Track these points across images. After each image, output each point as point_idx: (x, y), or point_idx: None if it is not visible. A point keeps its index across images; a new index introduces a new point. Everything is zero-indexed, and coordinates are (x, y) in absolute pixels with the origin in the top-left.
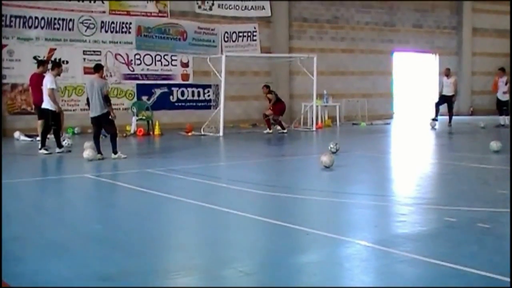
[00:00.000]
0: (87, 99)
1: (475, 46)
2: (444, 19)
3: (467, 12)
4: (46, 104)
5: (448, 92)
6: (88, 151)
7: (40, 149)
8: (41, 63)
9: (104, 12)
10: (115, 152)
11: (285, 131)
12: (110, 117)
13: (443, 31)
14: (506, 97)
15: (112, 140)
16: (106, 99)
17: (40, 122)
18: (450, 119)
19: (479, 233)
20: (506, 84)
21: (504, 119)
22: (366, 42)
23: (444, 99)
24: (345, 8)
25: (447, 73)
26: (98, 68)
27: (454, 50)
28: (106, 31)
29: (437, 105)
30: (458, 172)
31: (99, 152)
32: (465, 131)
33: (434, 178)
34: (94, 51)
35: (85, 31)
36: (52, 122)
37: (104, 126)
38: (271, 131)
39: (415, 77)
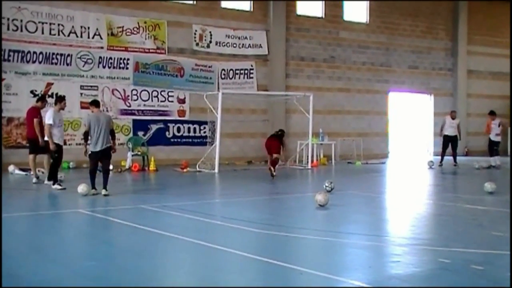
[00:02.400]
0: (85, 134)
1: (470, 88)
2: (440, 60)
3: (462, 54)
4: (56, 138)
5: (451, 132)
6: (82, 186)
7: (53, 184)
8: (41, 98)
9: (102, 47)
10: (106, 188)
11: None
12: (111, 151)
13: (439, 73)
14: (499, 139)
15: (105, 176)
16: (112, 134)
17: (31, 156)
18: (455, 158)
19: (473, 275)
20: (499, 126)
21: (495, 160)
22: (363, 82)
23: (448, 140)
24: (342, 48)
25: (453, 115)
26: (98, 104)
27: (449, 91)
28: (104, 67)
29: (444, 149)
30: (452, 213)
31: (93, 187)
32: (460, 171)
33: (428, 219)
34: (91, 86)
35: (83, 66)
36: (56, 154)
37: (103, 161)
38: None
39: (410, 117)
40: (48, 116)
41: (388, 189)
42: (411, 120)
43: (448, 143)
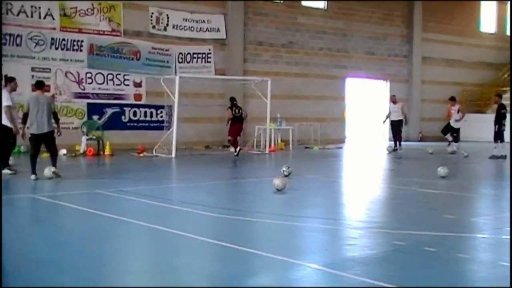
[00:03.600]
0: (24, 115)
1: (424, 74)
2: (396, 47)
3: (417, 41)
4: (5, 121)
5: (395, 117)
6: (47, 169)
7: (3, 169)
8: (9, 80)
9: (54, 28)
10: (55, 166)
11: (235, 154)
12: (55, 135)
13: (395, 59)
14: (457, 125)
15: (54, 158)
16: (55, 116)
17: None
18: (400, 142)
19: (425, 256)
20: (458, 112)
21: (453, 146)
22: (320, 67)
23: (393, 124)
24: (300, 34)
25: (393, 99)
26: (41, 85)
27: (404, 78)
28: (57, 48)
29: (393, 134)
30: (406, 196)
31: (33, 172)
32: (414, 156)
33: (383, 203)
34: (43, 68)
35: (34, 47)
36: (11, 140)
37: (48, 147)
38: (236, 153)
39: (367, 103)
40: (6, 98)
41: (345, 174)
42: (367, 106)
43: (394, 128)
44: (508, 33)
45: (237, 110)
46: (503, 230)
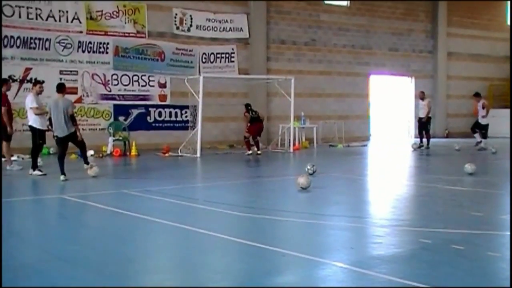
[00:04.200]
0: (49, 119)
1: (449, 70)
2: (420, 43)
3: (442, 36)
4: (33, 122)
5: (421, 114)
6: (95, 168)
7: (34, 170)
8: (3, 81)
9: (81, 32)
10: (87, 163)
11: (259, 152)
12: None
13: (419, 55)
14: (485, 121)
15: (83, 152)
16: (72, 119)
17: (5, 144)
18: (428, 140)
19: (453, 254)
20: (483, 108)
21: (482, 143)
22: (343, 64)
23: (419, 121)
24: (323, 31)
25: (421, 96)
26: (61, 88)
27: (429, 74)
28: (83, 51)
29: (419, 131)
30: (433, 194)
31: (62, 173)
32: (440, 153)
33: (409, 200)
34: (70, 71)
35: (62, 50)
36: (40, 141)
37: (74, 143)
38: (250, 152)
39: (392, 100)
40: (31, 100)
41: (370, 171)
42: (392, 103)
43: (420, 125)
44: None
45: (253, 112)
46: None
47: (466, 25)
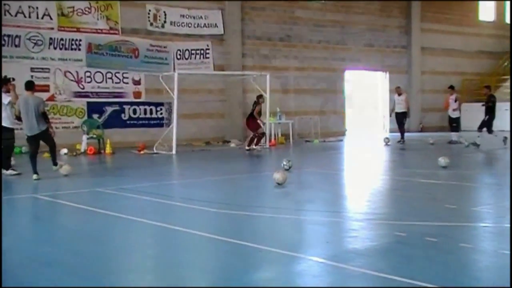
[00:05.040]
0: (18, 117)
1: (424, 65)
2: (394, 38)
3: (416, 32)
4: (5, 121)
5: (398, 109)
6: (66, 166)
7: (7, 170)
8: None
9: (52, 28)
10: (55, 164)
11: (250, 148)
12: (48, 133)
13: (394, 50)
14: (455, 114)
15: (52, 152)
16: (44, 117)
17: None
18: (402, 135)
19: (428, 247)
20: (455, 101)
21: (455, 135)
22: (319, 60)
23: (397, 116)
24: (298, 27)
25: (398, 91)
26: (31, 85)
27: (404, 69)
28: (55, 48)
29: (399, 125)
30: (408, 187)
31: (34, 172)
32: (415, 147)
33: (384, 194)
34: (42, 68)
35: (33, 47)
36: (10, 139)
37: (45, 142)
38: (257, 147)
39: (367, 95)
40: (5, 98)
41: (346, 166)
42: (367, 98)
43: (398, 119)
44: (508, 21)
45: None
46: (505, 219)
47: (439, 20)
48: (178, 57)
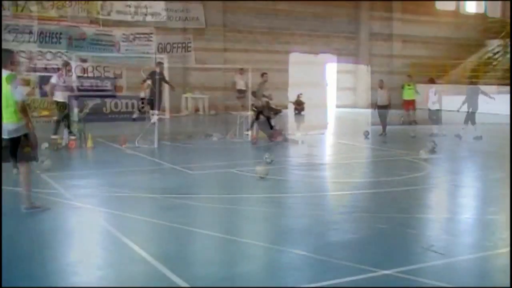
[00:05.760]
0: None
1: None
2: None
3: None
4: None
5: (382, 102)
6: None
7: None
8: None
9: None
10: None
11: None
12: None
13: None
14: (435, 107)
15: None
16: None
17: None
18: (384, 128)
19: (407, 238)
20: (435, 94)
21: (436, 128)
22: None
23: (379, 110)
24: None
25: (380, 84)
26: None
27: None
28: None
29: (381, 119)
30: (388, 181)
31: (15, 166)
32: (396, 140)
33: (365, 187)
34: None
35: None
36: None
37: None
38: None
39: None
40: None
41: (327, 160)
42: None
43: (381, 113)
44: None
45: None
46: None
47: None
48: (160, 50)
